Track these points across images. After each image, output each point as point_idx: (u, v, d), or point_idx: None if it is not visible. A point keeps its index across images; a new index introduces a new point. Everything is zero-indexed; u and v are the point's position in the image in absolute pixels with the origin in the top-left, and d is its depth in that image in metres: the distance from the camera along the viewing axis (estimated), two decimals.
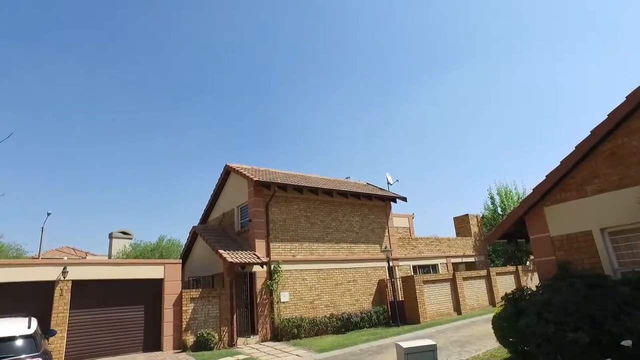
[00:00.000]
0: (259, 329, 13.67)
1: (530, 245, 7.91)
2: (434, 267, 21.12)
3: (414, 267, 20.06)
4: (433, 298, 17.15)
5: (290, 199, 16.13)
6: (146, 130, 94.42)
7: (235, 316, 13.20)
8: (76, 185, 72.73)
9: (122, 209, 65.54)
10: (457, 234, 25.05)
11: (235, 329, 13.06)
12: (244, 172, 15.66)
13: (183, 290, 12.53)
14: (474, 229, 24.61)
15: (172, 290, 12.40)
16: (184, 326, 12.17)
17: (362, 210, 18.57)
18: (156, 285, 12.34)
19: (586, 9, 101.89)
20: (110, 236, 41.35)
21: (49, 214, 31.92)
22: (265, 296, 14.10)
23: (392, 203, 19.97)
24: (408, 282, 16.73)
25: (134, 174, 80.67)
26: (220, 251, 13.62)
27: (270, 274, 14.41)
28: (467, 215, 24.89)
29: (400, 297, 17.24)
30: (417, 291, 16.31)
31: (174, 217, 67.40)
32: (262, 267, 14.14)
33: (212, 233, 15.53)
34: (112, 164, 79.68)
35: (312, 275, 15.63)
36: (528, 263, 24.03)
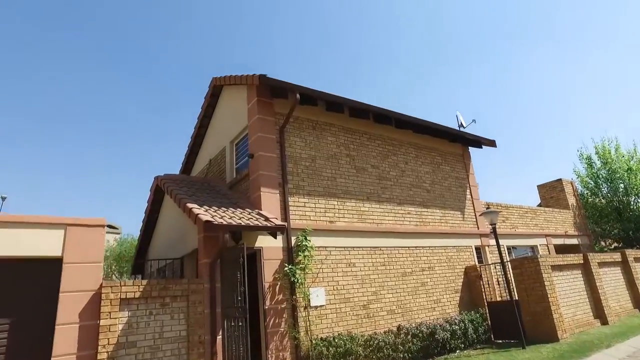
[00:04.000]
0: None
1: None
2: (532, 250, 14.08)
3: (508, 248, 13.06)
4: (565, 296, 10.13)
5: (321, 126, 9.26)
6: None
7: (220, 336, 6.39)
8: (61, 172, 67.01)
9: (109, 200, 59.28)
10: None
11: None
12: (243, 78, 8.81)
13: (105, 284, 5.75)
14: (571, 199, 17.43)
15: (79, 283, 5.63)
16: None
17: (432, 157, 11.62)
18: (45, 273, 5.61)
19: None
20: None
21: (3, 199, 25.61)
22: (281, 295, 7.28)
23: (470, 152, 13.04)
24: (527, 267, 9.70)
25: (120, 161, 74.76)
26: (190, 205, 6.82)
27: (291, 253, 7.58)
28: (559, 180, 17.71)
29: (506, 294, 10.27)
30: (546, 284, 9.29)
31: None
32: (276, 237, 7.29)
33: (185, 184, 8.71)
34: (97, 150, 73.85)
35: (363, 258, 8.75)
36: None
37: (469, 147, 13.00)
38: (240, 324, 6.25)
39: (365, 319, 8.25)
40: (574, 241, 16.22)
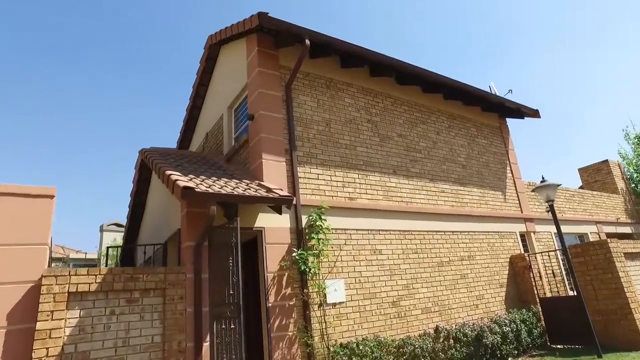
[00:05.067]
0: None
1: None
2: (582, 239, 12.19)
3: (556, 236, 11.21)
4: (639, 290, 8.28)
5: (337, 85, 7.63)
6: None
7: (207, 343, 4.82)
8: (68, 172, 66.81)
9: (118, 198, 58.60)
10: None
11: None
12: (241, 24, 7.20)
13: (47, 273, 4.22)
14: (620, 183, 15.38)
15: (11, 272, 4.13)
16: None
17: (466, 128, 9.89)
18: None
19: None
20: (101, 229, 34.21)
21: None
22: (289, 289, 5.67)
23: (508, 125, 11.26)
24: (593, 255, 7.90)
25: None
26: (169, 172, 5.26)
27: (301, 236, 5.96)
28: (605, 162, 15.68)
29: (559, 288, 8.50)
30: (620, 276, 7.47)
31: None
32: (280, 212, 5.67)
33: (172, 157, 7.17)
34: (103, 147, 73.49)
35: (391, 243, 7.08)
36: None
37: (507, 120, 11.25)
38: (232, 326, 4.67)
39: (395, 319, 6.59)
40: (627, 229, 14.21)
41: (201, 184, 5.07)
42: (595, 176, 15.86)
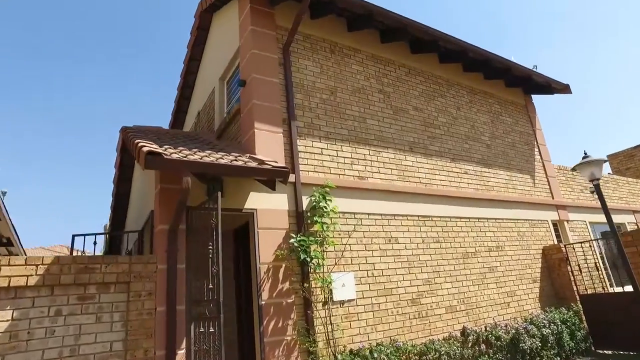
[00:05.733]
0: None
1: None
2: (618, 229, 10.98)
3: (591, 225, 10.05)
4: None
5: (343, 50, 6.60)
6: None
7: (183, 351, 3.84)
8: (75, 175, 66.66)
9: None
10: None
11: None
12: None
13: None
14: None
15: None
16: None
17: (489, 104, 8.79)
18: None
19: None
20: (105, 228, 33.84)
21: (4, 194, 23.98)
22: (287, 284, 4.66)
23: (534, 102, 10.13)
24: None
25: None
26: (137, 141, 4.30)
27: (302, 219, 4.95)
28: (639, 147, 14.47)
29: (599, 284, 7.38)
30: None
31: None
32: (274, 187, 4.66)
33: (154, 133, 6.21)
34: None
35: (409, 230, 6.03)
36: None
37: (532, 97, 10.13)
38: (212, 329, 3.68)
39: (415, 319, 5.54)
40: None
41: (176, 153, 4.09)
42: (627, 163, 14.65)
